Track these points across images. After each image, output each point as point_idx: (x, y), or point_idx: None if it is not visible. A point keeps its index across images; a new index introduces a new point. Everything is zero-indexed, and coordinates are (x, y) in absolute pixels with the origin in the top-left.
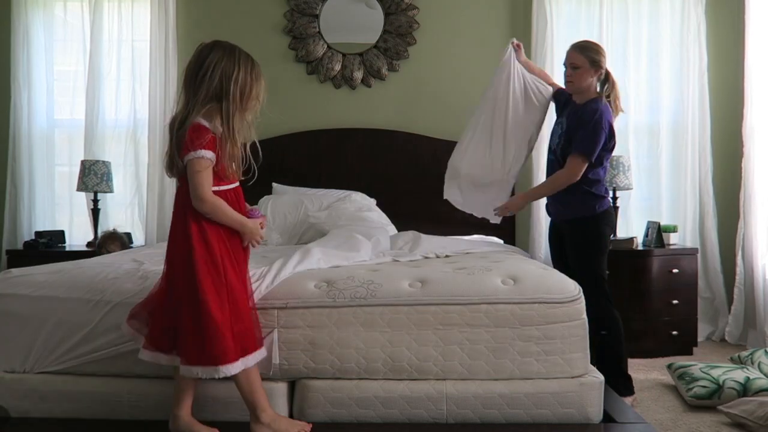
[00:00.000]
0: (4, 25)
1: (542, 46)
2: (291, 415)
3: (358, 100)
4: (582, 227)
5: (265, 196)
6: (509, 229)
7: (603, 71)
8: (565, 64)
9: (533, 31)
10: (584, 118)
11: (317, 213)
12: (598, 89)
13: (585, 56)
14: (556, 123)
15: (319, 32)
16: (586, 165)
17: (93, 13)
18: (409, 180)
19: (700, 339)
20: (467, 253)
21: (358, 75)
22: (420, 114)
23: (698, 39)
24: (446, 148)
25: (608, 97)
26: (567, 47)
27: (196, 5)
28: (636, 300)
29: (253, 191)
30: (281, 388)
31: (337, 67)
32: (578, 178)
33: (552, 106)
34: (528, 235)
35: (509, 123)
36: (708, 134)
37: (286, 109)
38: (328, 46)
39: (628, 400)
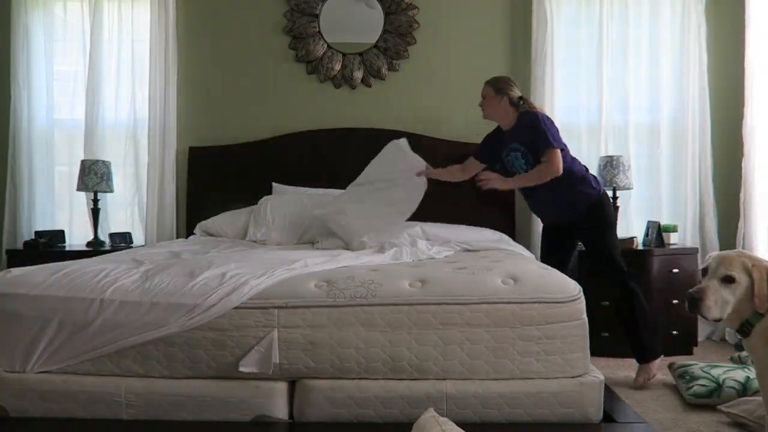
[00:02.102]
0: (4, 25)
1: (542, 46)
2: (291, 415)
3: (358, 99)
4: (589, 215)
5: (265, 197)
6: (509, 229)
7: (510, 96)
8: None
9: (533, 31)
10: (530, 125)
11: (318, 211)
12: (514, 111)
13: (489, 86)
14: (507, 155)
15: (319, 32)
16: (560, 154)
17: (93, 13)
18: None
19: (700, 339)
20: (468, 250)
21: (358, 75)
22: (420, 114)
23: (698, 39)
24: (446, 147)
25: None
26: (567, 47)
27: (196, 5)
28: None
29: (253, 191)
30: (281, 387)
31: (337, 66)
32: (560, 169)
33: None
34: (529, 236)
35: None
36: (708, 134)
37: (286, 109)
38: (328, 46)
39: (654, 363)
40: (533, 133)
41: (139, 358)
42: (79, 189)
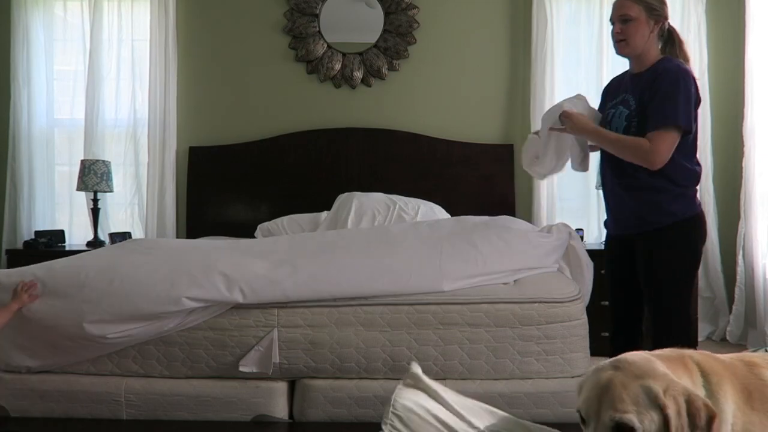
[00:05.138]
0: (4, 25)
1: (542, 46)
2: (291, 415)
3: (358, 99)
4: (670, 238)
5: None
6: None
7: (665, 24)
8: (612, 19)
9: (533, 31)
10: (663, 79)
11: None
12: (658, 51)
13: (640, 2)
14: (613, 107)
15: (319, 31)
16: (678, 140)
17: (93, 12)
18: (409, 180)
19: (700, 339)
20: None
21: (358, 74)
22: (420, 113)
23: (698, 39)
24: (446, 147)
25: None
26: (567, 47)
27: (196, 5)
28: None
29: (253, 191)
30: (281, 387)
31: (337, 66)
32: (664, 161)
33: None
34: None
35: None
36: (708, 134)
37: (286, 108)
38: (328, 46)
39: None
40: (655, 90)
41: (139, 358)
42: (79, 189)
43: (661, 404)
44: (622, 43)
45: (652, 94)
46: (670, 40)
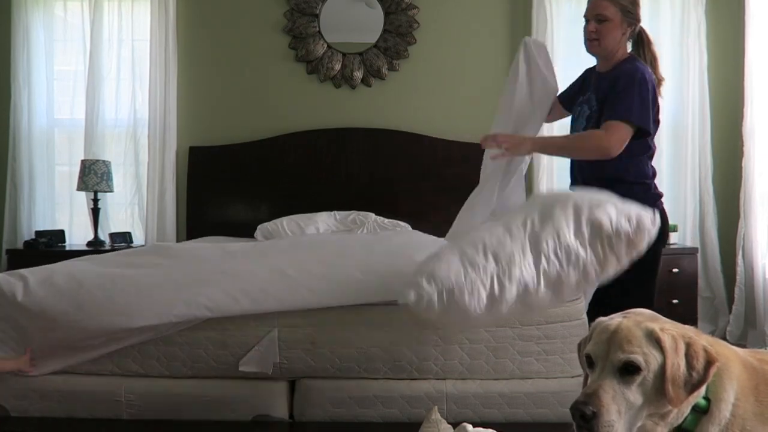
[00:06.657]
0: (4, 25)
1: None
2: (291, 415)
3: (358, 99)
4: None
5: None
6: None
7: (636, 27)
8: (586, 16)
9: (533, 31)
10: (620, 80)
11: None
12: (628, 50)
13: (616, 4)
14: (580, 104)
15: (319, 32)
16: (630, 136)
17: (93, 12)
18: (409, 180)
19: None
20: None
21: (358, 74)
22: (420, 113)
23: (698, 39)
24: (446, 147)
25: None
26: (567, 47)
27: (196, 5)
28: None
29: (253, 191)
30: (281, 387)
31: (337, 66)
32: (618, 149)
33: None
34: None
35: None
36: (708, 134)
37: (286, 108)
38: (328, 46)
39: None
40: (615, 89)
41: (139, 358)
42: (79, 189)
43: (657, 338)
44: (594, 42)
45: (612, 90)
46: (640, 40)
